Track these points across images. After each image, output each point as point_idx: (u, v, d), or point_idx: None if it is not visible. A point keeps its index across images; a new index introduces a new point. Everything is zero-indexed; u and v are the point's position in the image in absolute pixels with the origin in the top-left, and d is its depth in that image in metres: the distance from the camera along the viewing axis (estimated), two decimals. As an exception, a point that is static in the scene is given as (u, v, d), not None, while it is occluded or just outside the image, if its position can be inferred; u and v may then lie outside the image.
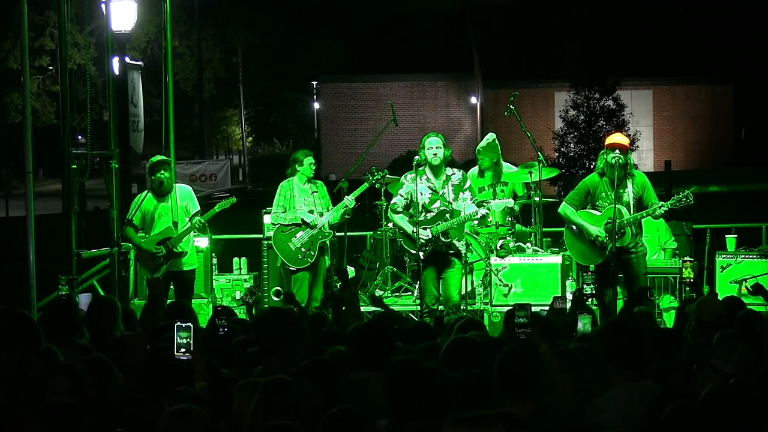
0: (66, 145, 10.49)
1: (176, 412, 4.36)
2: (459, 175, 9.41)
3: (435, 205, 9.36)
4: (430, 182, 9.40)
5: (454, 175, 9.39)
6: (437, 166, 9.35)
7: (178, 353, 5.06)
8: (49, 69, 36.79)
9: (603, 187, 9.09)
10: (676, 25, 36.90)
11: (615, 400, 4.79)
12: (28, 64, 11.78)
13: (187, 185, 10.32)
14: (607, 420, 4.68)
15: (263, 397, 4.48)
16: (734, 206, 21.68)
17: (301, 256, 10.20)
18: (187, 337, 5.05)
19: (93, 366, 4.98)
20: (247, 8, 41.02)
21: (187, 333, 5.05)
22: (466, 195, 9.36)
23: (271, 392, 4.50)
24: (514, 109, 11.39)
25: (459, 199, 9.34)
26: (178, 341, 5.06)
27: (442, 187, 9.37)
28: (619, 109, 33.32)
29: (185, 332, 5.06)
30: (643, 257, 9.22)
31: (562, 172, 28.67)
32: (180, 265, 9.82)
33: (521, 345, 4.85)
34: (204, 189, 34.43)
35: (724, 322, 6.44)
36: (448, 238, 9.31)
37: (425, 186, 9.38)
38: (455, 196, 9.35)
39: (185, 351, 5.05)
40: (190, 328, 5.06)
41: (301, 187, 10.34)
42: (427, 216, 9.37)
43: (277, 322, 5.41)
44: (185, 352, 5.05)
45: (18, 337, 4.78)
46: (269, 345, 5.33)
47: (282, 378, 4.61)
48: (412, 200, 9.41)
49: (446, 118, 39.75)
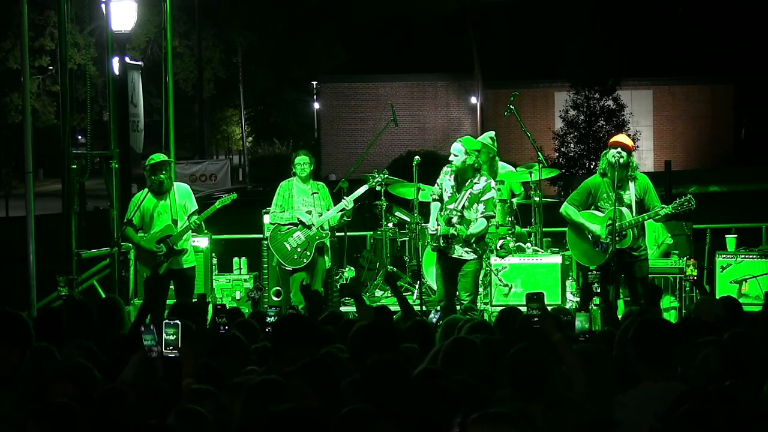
0: (66, 145, 10.49)
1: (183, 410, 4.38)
2: (481, 186, 9.23)
3: (451, 206, 9.28)
4: (454, 182, 9.34)
5: (477, 184, 9.24)
6: (460, 170, 9.26)
7: (166, 350, 5.15)
8: (49, 69, 36.80)
9: (604, 188, 9.10)
10: (676, 25, 36.89)
11: (639, 398, 4.77)
12: (28, 64, 11.80)
13: (186, 184, 10.32)
14: (628, 417, 4.66)
15: (250, 397, 4.49)
16: (734, 206, 21.65)
17: (296, 256, 10.20)
18: (174, 333, 5.14)
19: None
20: (247, 8, 41.01)
21: (174, 330, 5.14)
22: (480, 207, 9.19)
23: (258, 393, 4.50)
24: (514, 109, 11.39)
25: (472, 209, 9.23)
26: (165, 338, 5.14)
27: (460, 191, 9.26)
28: (619, 109, 33.30)
29: (172, 329, 5.14)
30: (645, 260, 9.23)
31: (562, 172, 28.65)
32: (180, 263, 9.83)
33: (530, 344, 4.85)
34: (204, 189, 34.44)
35: (723, 323, 6.44)
36: (451, 241, 9.23)
37: (449, 184, 9.36)
38: (469, 204, 9.21)
39: (173, 348, 5.14)
40: (177, 325, 5.15)
41: (300, 187, 10.34)
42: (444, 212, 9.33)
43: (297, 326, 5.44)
44: (173, 349, 5.14)
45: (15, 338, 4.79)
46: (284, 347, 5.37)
47: (271, 378, 4.61)
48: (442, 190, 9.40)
49: (446, 118, 39.75)
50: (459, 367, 5.07)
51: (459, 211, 9.18)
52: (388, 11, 41.68)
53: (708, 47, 36.12)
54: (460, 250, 9.24)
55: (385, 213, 11.64)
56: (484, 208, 9.20)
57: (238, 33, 41.95)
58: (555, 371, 4.87)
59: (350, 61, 40.42)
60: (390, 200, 11.72)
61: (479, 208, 9.20)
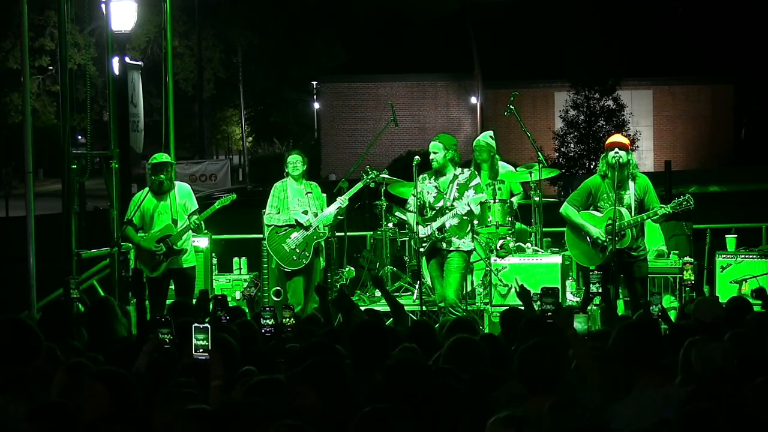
0: (66, 145, 10.48)
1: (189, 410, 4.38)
2: (466, 175, 9.58)
3: (439, 204, 9.56)
4: (437, 182, 9.61)
5: (461, 174, 9.58)
6: (437, 169, 9.58)
7: (196, 353, 5.17)
8: (49, 69, 36.80)
9: (604, 189, 9.11)
10: (676, 25, 36.89)
11: (632, 406, 4.74)
12: (28, 64, 11.79)
13: (186, 183, 10.31)
14: (623, 425, 4.63)
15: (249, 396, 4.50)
16: (734, 206, 21.66)
17: (295, 258, 10.18)
18: (205, 338, 5.16)
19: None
20: (248, 8, 41.00)
21: (205, 335, 5.16)
22: (469, 193, 9.43)
23: (257, 392, 4.51)
24: (514, 109, 11.39)
25: (463, 197, 9.42)
26: (195, 342, 5.17)
27: (446, 187, 9.52)
28: (619, 109, 33.29)
29: (203, 334, 5.17)
30: (644, 260, 9.24)
31: (562, 172, 28.64)
32: (180, 263, 9.81)
33: (541, 340, 4.85)
34: (204, 189, 34.43)
35: (722, 323, 6.44)
36: (443, 233, 9.38)
37: (432, 186, 9.63)
38: (459, 194, 9.47)
39: (203, 351, 5.16)
40: (207, 329, 5.17)
41: (294, 187, 10.30)
42: (431, 214, 9.57)
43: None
44: (203, 352, 5.16)
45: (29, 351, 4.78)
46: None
47: (270, 378, 4.61)
48: (424, 200, 9.63)
49: (446, 118, 39.74)
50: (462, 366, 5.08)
51: (451, 201, 9.39)
52: (388, 11, 41.67)
53: (708, 47, 36.11)
54: (458, 242, 9.45)
55: (385, 213, 11.64)
56: (474, 193, 9.41)
57: (238, 33, 41.95)
58: (565, 367, 4.86)
59: (350, 61, 40.41)
60: (390, 200, 11.71)
61: (470, 194, 9.41)
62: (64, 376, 4.94)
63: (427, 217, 9.56)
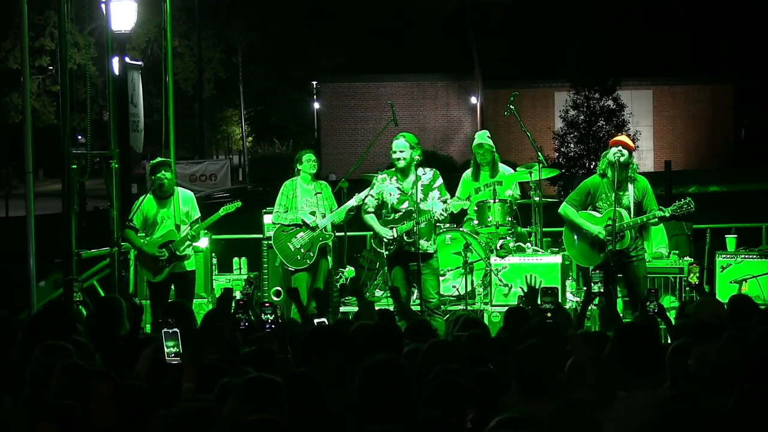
0: (66, 145, 10.47)
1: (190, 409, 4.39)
2: (429, 175, 9.35)
3: (403, 206, 9.35)
4: (399, 183, 9.38)
5: (425, 175, 9.34)
6: (403, 169, 9.35)
7: (168, 358, 5.22)
8: (49, 69, 36.79)
9: (603, 189, 9.10)
10: (676, 25, 36.89)
11: (621, 410, 4.71)
12: (28, 64, 11.78)
13: (189, 190, 10.28)
14: (614, 429, 4.60)
15: (240, 395, 4.50)
16: (734, 206, 21.65)
17: (300, 257, 10.18)
18: (175, 345, 5.22)
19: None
20: (248, 8, 41.01)
21: (174, 341, 5.22)
22: (434, 194, 9.27)
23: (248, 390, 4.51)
24: (514, 109, 11.39)
25: (428, 198, 9.29)
26: (167, 350, 5.22)
27: (410, 188, 9.32)
28: (619, 109, 33.28)
29: (173, 340, 5.22)
30: (643, 261, 9.24)
31: (562, 172, 28.63)
32: (182, 266, 9.80)
33: (537, 342, 4.85)
34: (204, 189, 34.45)
35: (724, 323, 6.43)
36: (412, 237, 9.26)
37: (394, 187, 9.39)
38: (424, 196, 9.29)
39: (175, 355, 5.22)
40: (176, 334, 5.23)
41: (304, 187, 10.31)
42: (395, 216, 9.36)
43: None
44: (175, 356, 5.21)
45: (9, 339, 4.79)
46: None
47: (262, 376, 4.61)
48: (383, 201, 9.42)
49: (446, 118, 39.76)
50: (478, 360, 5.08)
51: (416, 203, 9.18)
52: (388, 11, 41.69)
53: (708, 47, 36.12)
54: (425, 244, 9.29)
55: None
56: (439, 194, 9.29)
57: (238, 33, 41.95)
58: (561, 369, 4.87)
59: (350, 61, 40.42)
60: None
61: (434, 195, 9.27)
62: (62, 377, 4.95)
63: (392, 219, 9.34)
